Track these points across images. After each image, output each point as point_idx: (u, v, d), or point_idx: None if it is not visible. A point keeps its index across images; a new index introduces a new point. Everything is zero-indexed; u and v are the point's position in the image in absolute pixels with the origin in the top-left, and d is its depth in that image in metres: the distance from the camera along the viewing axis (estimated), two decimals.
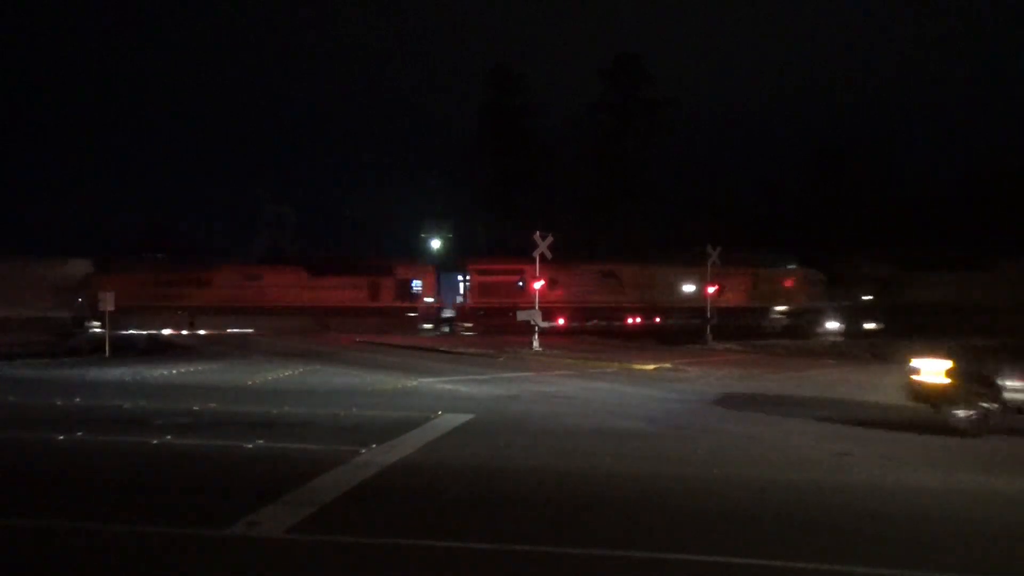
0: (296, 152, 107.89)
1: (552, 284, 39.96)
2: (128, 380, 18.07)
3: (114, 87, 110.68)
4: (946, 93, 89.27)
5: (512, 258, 28.95)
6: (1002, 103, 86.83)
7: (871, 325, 38.85)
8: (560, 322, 36.71)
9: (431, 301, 41.34)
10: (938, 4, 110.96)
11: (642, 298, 39.95)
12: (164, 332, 35.62)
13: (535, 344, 27.10)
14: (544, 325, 28.65)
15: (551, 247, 28.07)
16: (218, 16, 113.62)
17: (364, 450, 9.82)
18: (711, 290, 32.66)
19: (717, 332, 31.97)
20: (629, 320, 40.04)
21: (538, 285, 28.26)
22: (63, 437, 10.76)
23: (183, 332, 36.16)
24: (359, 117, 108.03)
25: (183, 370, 20.39)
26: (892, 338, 29.38)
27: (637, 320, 40.03)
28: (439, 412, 12.92)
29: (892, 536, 6.78)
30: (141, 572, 5.93)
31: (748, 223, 53.12)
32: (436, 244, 60.76)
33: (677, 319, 38.45)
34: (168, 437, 10.73)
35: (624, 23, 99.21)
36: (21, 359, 23.25)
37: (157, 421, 12.04)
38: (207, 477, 8.80)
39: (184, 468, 9.21)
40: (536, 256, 27.86)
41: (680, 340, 31.39)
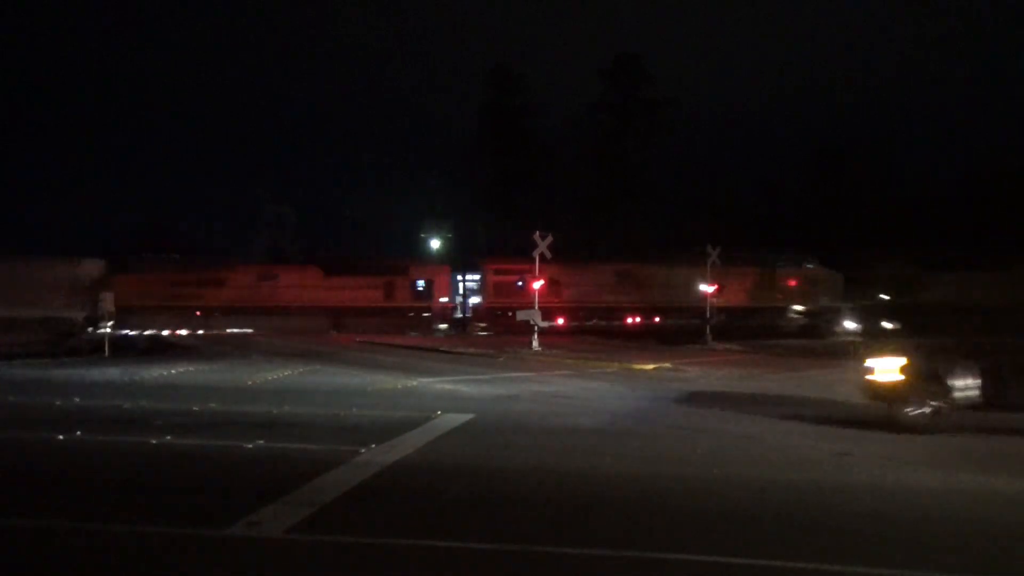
0: (296, 152, 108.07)
1: (568, 285, 40.15)
2: (128, 380, 18.08)
3: (114, 87, 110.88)
4: (946, 93, 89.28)
5: (529, 258, 29.03)
6: (1002, 103, 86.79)
7: (889, 325, 38.74)
8: (560, 322, 36.71)
9: (446, 301, 41.29)
10: (938, 4, 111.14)
11: (658, 298, 39.83)
12: (175, 332, 35.56)
13: (535, 344, 27.11)
14: (544, 325, 28.66)
15: (551, 247, 28.09)
16: (218, 16, 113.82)
17: (364, 450, 9.82)
18: (710, 290, 32.70)
19: (732, 332, 31.98)
20: (629, 320, 40.03)
21: (537, 285, 28.26)
22: (63, 437, 10.76)
23: (182, 332, 36.12)
24: (359, 117, 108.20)
25: (183, 370, 20.40)
26: (910, 338, 29.29)
27: (637, 320, 40.01)
28: (439, 412, 12.92)
29: (892, 536, 6.78)
30: (141, 572, 5.93)
31: (748, 223, 53.06)
32: (436, 244, 60.72)
33: (693, 319, 38.30)
34: (168, 437, 10.72)
35: (624, 23, 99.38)
36: (21, 359, 23.26)
37: (157, 421, 12.04)
38: (207, 477, 8.80)
39: (184, 468, 9.21)
40: (536, 256, 27.88)
41: (680, 340, 31.41)
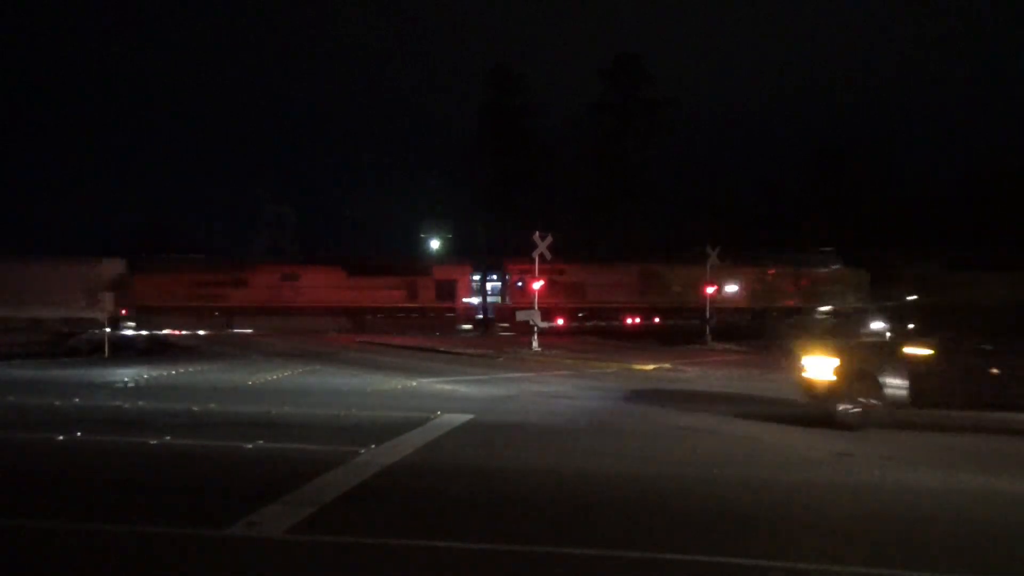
0: (296, 152, 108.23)
1: (593, 285, 40.14)
2: (127, 380, 18.06)
3: (114, 87, 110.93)
4: (946, 93, 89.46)
5: (553, 258, 29.11)
6: (1002, 103, 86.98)
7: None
8: (559, 322, 36.71)
9: (469, 301, 41.13)
10: (938, 4, 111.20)
11: (684, 298, 39.69)
12: (175, 332, 35.49)
13: (535, 344, 27.11)
14: (543, 326, 28.67)
15: (552, 247, 28.08)
16: (218, 16, 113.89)
17: (364, 450, 9.81)
18: (710, 290, 32.69)
19: (749, 333, 32.10)
20: (628, 320, 40.04)
21: (537, 285, 28.25)
22: (62, 437, 10.75)
23: (182, 332, 36.10)
24: (359, 117, 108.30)
25: (183, 370, 20.39)
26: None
27: (636, 320, 40.02)
28: (439, 412, 12.91)
29: (892, 536, 6.78)
30: (141, 572, 5.92)
31: (748, 223, 53.09)
32: (436, 244, 60.75)
33: (724, 318, 38.08)
34: (168, 437, 10.71)
35: (624, 23, 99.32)
36: (20, 359, 23.26)
37: (156, 421, 12.03)
38: (207, 477, 8.79)
39: (184, 468, 9.20)
40: (536, 256, 27.86)
41: (679, 340, 31.43)
